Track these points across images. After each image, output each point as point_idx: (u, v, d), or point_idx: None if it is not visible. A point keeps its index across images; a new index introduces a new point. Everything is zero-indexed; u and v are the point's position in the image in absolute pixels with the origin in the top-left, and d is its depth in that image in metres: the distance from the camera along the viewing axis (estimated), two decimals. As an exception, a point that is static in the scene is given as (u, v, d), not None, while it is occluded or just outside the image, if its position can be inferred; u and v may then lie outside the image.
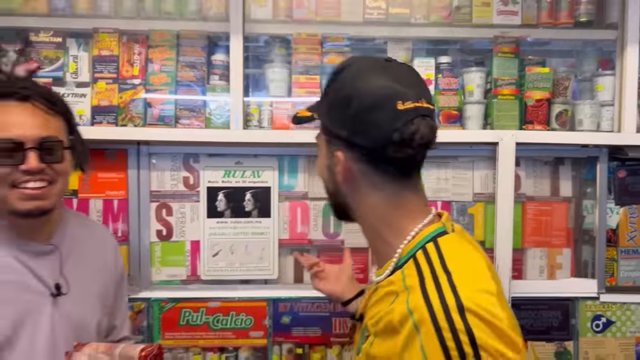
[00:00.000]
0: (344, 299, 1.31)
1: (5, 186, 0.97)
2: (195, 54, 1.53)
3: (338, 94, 0.83)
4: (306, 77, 1.55)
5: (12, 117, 0.98)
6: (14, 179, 0.97)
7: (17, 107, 0.99)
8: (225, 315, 1.58)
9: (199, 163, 1.59)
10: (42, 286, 1.05)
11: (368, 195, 0.84)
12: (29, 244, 1.04)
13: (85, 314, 1.13)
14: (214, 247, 1.60)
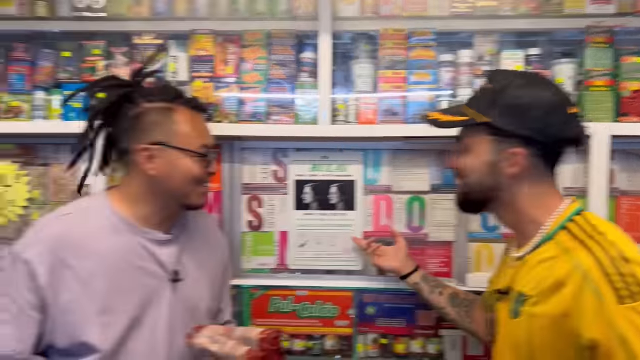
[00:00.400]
0: (403, 273, 1.47)
1: (193, 184, 1.14)
2: (286, 52, 1.59)
3: (517, 101, 1.00)
4: (393, 72, 1.57)
5: (204, 127, 1.19)
6: (203, 179, 1.16)
7: (200, 117, 1.19)
8: (312, 304, 1.64)
9: (287, 157, 1.66)
10: (162, 272, 1.15)
11: (532, 184, 1.03)
12: (153, 233, 1.15)
13: (199, 299, 1.23)
14: (301, 238, 1.66)
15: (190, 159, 1.12)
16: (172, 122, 1.12)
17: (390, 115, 1.57)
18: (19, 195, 1.68)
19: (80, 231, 1.08)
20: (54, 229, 1.08)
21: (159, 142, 1.11)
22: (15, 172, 1.68)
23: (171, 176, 1.12)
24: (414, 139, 1.58)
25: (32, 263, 1.03)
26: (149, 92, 1.14)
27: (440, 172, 1.63)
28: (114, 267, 1.08)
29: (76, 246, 1.06)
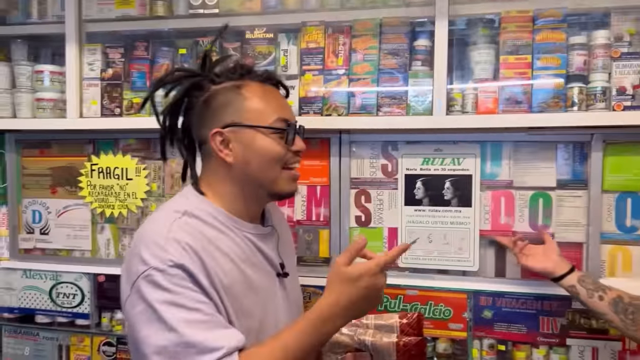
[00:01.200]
0: (556, 275, 1.32)
1: (278, 167, 1.02)
2: (398, 40, 1.52)
3: None
4: (515, 57, 1.45)
5: (282, 100, 1.06)
6: (287, 160, 1.03)
7: (276, 92, 1.07)
8: (423, 304, 1.56)
9: (397, 151, 1.59)
10: (270, 267, 1.08)
11: None
12: (255, 227, 1.06)
13: (298, 291, 1.20)
14: (411, 235, 1.59)
15: (266, 136, 1.00)
16: (241, 99, 1.01)
17: (513, 104, 1.45)
18: (138, 187, 1.76)
19: (203, 234, 0.96)
20: (183, 233, 0.93)
21: (230, 124, 1.00)
22: (135, 166, 1.76)
23: (249, 160, 1.00)
24: (539, 129, 1.46)
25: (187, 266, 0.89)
26: (216, 75, 1.05)
27: (568, 165, 1.48)
28: (239, 267, 0.99)
29: (207, 247, 0.95)
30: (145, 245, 0.91)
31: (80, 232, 1.84)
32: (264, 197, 1.06)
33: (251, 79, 1.05)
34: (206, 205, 1.02)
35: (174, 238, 0.91)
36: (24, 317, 1.91)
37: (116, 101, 1.70)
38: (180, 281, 0.88)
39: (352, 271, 0.91)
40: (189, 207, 0.99)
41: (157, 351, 0.85)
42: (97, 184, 1.80)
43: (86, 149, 1.82)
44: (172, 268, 0.88)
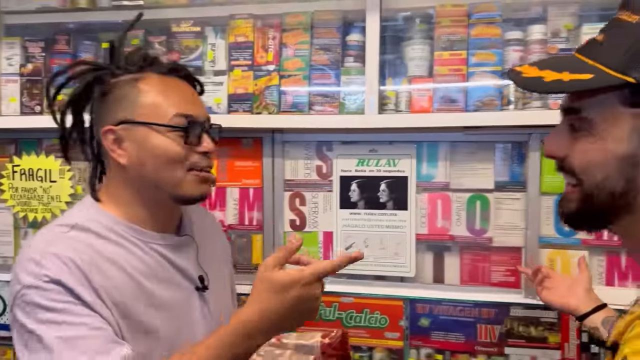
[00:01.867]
0: (579, 313, 1.13)
1: (181, 169, 0.90)
2: (330, 35, 1.45)
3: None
4: (450, 54, 1.38)
5: (186, 94, 0.93)
6: (193, 162, 0.91)
7: (182, 85, 0.95)
8: (358, 312, 1.49)
9: (332, 151, 1.52)
10: (187, 281, 0.97)
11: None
12: (166, 237, 0.95)
13: (227, 305, 1.07)
14: (347, 240, 1.51)
15: (162, 135, 0.89)
16: (136, 92, 0.90)
17: (448, 103, 1.39)
18: (62, 190, 1.66)
19: (93, 248, 0.86)
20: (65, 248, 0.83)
21: (123, 121, 0.89)
22: (59, 167, 1.66)
23: (144, 161, 0.89)
24: (475, 129, 1.39)
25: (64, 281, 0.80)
26: (117, 67, 0.94)
27: (507, 166, 1.42)
28: (138, 283, 0.88)
29: (97, 262, 0.85)
30: (21, 264, 0.83)
31: (2, 238, 1.73)
32: (167, 201, 0.93)
33: (153, 71, 0.93)
34: (102, 216, 0.91)
35: (53, 253, 0.82)
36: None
37: (36, 98, 1.60)
38: (57, 296, 0.79)
39: (281, 278, 0.77)
40: (81, 219, 0.89)
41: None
42: (19, 187, 1.69)
43: (8, 149, 1.71)
44: (48, 284, 0.79)
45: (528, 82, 0.66)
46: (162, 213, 0.95)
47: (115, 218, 0.91)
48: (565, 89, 0.65)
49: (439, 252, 1.48)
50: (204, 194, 0.94)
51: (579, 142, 0.64)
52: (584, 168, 0.64)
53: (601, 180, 0.63)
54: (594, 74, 0.60)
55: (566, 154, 0.66)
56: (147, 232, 0.93)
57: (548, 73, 0.65)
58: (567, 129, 0.66)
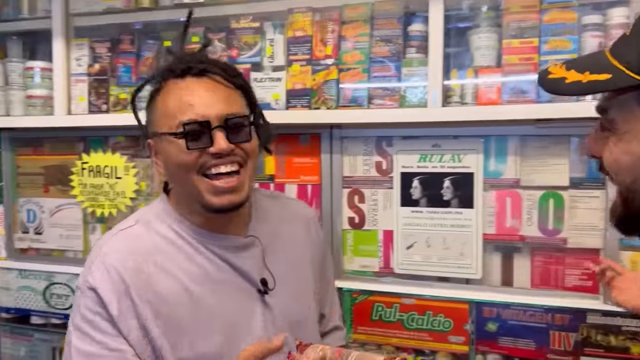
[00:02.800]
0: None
1: (194, 175, 0.87)
2: (391, 26, 1.39)
3: None
4: (520, 41, 1.30)
5: (193, 96, 0.88)
6: (204, 164, 0.86)
7: (196, 84, 0.89)
8: (421, 315, 1.43)
9: (392, 147, 1.46)
10: (248, 285, 0.94)
11: None
12: (227, 238, 0.93)
13: (299, 308, 1.01)
14: (408, 239, 1.46)
15: (172, 143, 0.87)
16: (156, 104, 0.91)
17: (518, 94, 1.30)
18: (127, 186, 1.70)
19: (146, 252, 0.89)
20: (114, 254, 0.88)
21: (152, 133, 0.91)
22: (124, 164, 1.70)
23: (168, 171, 0.91)
24: (549, 121, 1.29)
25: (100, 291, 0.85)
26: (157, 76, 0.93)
27: (583, 162, 1.32)
28: (187, 289, 0.88)
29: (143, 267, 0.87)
30: (86, 262, 0.90)
31: (73, 232, 1.80)
32: (203, 210, 0.90)
33: (170, 77, 0.91)
34: (168, 215, 0.94)
35: (103, 260, 0.87)
36: (20, 317, 1.89)
37: (103, 97, 1.65)
38: (92, 305, 0.85)
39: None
40: (148, 214, 0.94)
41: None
42: (87, 183, 1.75)
43: (77, 147, 1.78)
44: (89, 290, 0.85)
45: (550, 84, 0.64)
46: (214, 217, 0.92)
47: (178, 217, 0.93)
48: (582, 91, 0.64)
49: (507, 253, 1.40)
50: (226, 206, 0.87)
51: (608, 143, 0.63)
52: (614, 170, 0.63)
53: (630, 183, 0.62)
54: (612, 74, 0.59)
55: (601, 155, 0.65)
56: (207, 233, 0.92)
57: (572, 74, 0.63)
58: (599, 128, 0.66)
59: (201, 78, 0.90)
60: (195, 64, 0.90)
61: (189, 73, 0.90)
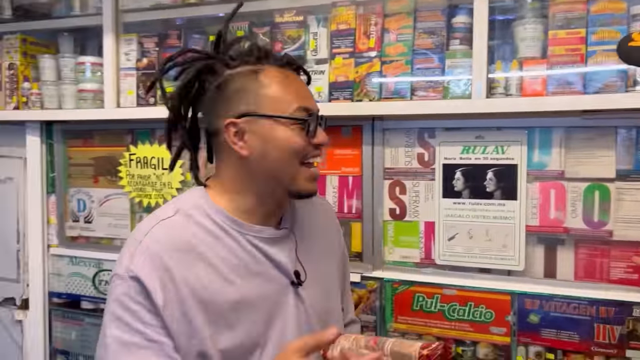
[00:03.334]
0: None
1: (297, 162, 0.91)
2: (435, 18, 1.40)
3: None
4: (567, 32, 1.29)
5: (302, 87, 0.94)
6: (307, 153, 0.91)
7: (295, 77, 0.95)
8: (462, 305, 1.44)
9: (434, 138, 1.47)
10: (283, 276, 0.95)
11: None
12: (264, 230, 0.94)
13: (328, 301, 1.04)
14: (449, 230, 1.47)
15: (286, 127, 0.89)
16: (258, 85, 0.91)
17: (564, 85, 1.29)
18: (174, 177, 1.76)
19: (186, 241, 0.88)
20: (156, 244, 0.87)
21: (245, 113, 0.90)
22: (170, 156, 1.75)
23: (266, 153, 0.90)
24: (595, 112, 1.28)
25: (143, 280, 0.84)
26: (231, 58, 0.94)
27: (630, 153, 1.30)
28: (227, 279, 0.89)
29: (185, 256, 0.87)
30: (123, 250, 0.89)
31: (120, 221, 1.87)
32: (281, 195, 0.94)
33: (270, 63, 0.93)
34: (208, 204, 0.92)
35: (145, 248, 0.86)
36: (70, 302, 1.98)
37: (151, 90, 1.70)
38: (134, 294, 0.83)
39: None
40: (186, 204, 0.92)
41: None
42: (135, 174, 1.82)
43: (125, 139, 1.84)
44: (132, 280, 0.84)
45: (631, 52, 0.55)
46: (269, 206, 0.95)
47: (219, 208, 0.92)
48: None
49: (551, 245, 1.39)
50: (314, 191, 0.95)
51: None
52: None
53: None
54: None
55: None
56: (246, 225, 0.93)
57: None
58: None
59: (295, 74, 0.97)
60: (294, 60, 0.97)
61: (288, 65, 0.96)
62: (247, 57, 0.93)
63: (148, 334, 0.82)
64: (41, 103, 1.86)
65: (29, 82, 1.89)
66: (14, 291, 2.01)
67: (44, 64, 1.86)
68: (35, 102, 1.86)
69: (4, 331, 2.04)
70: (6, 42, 1.90)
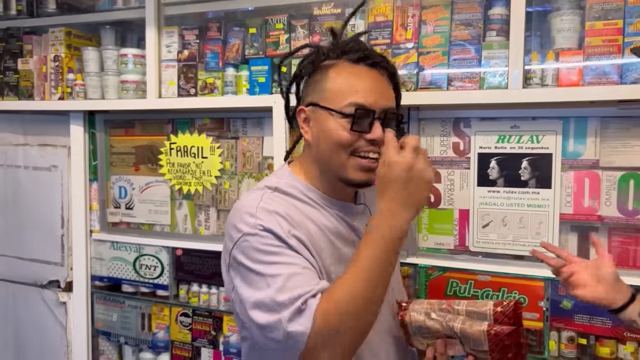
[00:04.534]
0: (615, 306, 1.04)
1: (345, 153, 0.96)
2: (472, 10, 1.43)
3: None
4: (604, 23, 1.31)
5: (364, 83, 0.97)
6: (357, 147, 0.96)
7: (367, 73, 0.99)
8: (495, 291, 1.48)
9: (470, 128, 1.50)
10: None
11: None
12: (348, 205, 1.05)
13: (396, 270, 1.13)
14: (484, 218, 1.50)
15: (336, 120, 0.96)
16: (326, 79, 0.99)
17: (601, 76, 1.31)
18: (213, 166, 1.82)
19: (294, 206, 0.98)
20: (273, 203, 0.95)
21: (311, 103, 1.00)
22: (209, 145, 1.82)
23: (320, 141, 0.99)
24: (632, 102, 1.30)
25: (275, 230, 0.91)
26: (324, 53, 1.01)
27: (667, 143, 1.32)
28: (329, 239, 0.99)
29: (296, 215, 0.96)
30: (239, 216, 0.95)
31: (161, 208, 1.94)
32: (336, 180, 1.01)
33: (346, 59, 1.00)
34: (298, 182, 1.03)
35: (264, 207, 0.94)
36: (112, 285, 2.07)
37: (191, 82, 1.77)
38: (271, 241, 0.90)
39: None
40: (280, 184, 1.01)
41: (256, 305, 0.87)
42: (175, 162, 1.88)
43: (166, 128, 1.91)
44: (263, 231, 0.91)
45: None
46: (338, 186, 1.02)
47: (307, 185, 1.03)
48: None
49: (584, 233, 1.42)
50: (364, 181, 0.98)
51: None
52: None
53: None
54: None
55: None
56: (332, 199, 1.03)
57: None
58: None
59: (371, 69, 1.00)
60: (372, 55, 1.00)
61: (364, 61, 0.99)
62: (332, 52, 1.01)
63: (300, 263, 0.89)
64: (85, 93, 1.93)
65: (73, 74, 1.96)
66: (58, 274, 2.10)
67: (88, 56, 1.93)
68: (79, 93, 1.93)
69: (49, 312, 2.13)
70: (51, 35, 1.98)
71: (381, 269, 0.87)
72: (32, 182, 2.15)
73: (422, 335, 1.02)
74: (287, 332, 0.82)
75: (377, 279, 0.86)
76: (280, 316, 0.83)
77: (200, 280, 1.89)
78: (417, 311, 1.01)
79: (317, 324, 0.82)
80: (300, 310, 0.83)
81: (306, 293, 0.84)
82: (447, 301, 1.00)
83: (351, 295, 0.84)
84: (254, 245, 0.91)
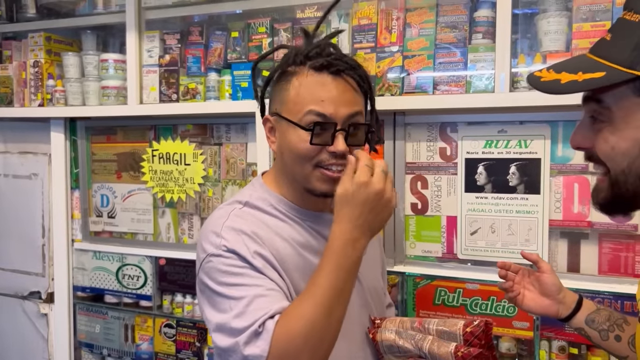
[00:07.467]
0: (562, 315, 1.02)
1: (309, 165, 0.92)
2: (457, 12, 1.40)
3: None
4: (592, 25, 1.28)
5: (326, 93, 0.90)
6: (320, 160, 0.91)
7: (331, 82, 0.91)
8: (484, 300, 1.44)
9: (457, 133, 1.47)
10: None
11: None
12: (321, 215, 1.00)
13: (377, 280, 1.12)
14: (472, 224, 1.47)
15: (295, 132, 0.91)
16: (288, 87, 0.93)
17: (588, 78, 1.28)
18: (196, 173, 1.78)
19: (262, 221, 0.95)
20: (239, 221, 0.93)
21: (273, 112, 0.96)
22: (192, 151, 1.78)
23: (283, 152, 0.95)
24: (620, 106, 1.27)
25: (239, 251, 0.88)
26: (292, 59, 0.95)
27: (657, 147, 1.29)
28: (299, 253, 0.95)
29: (264, 231, 0.93)
30: (206, 235, 0.93)
31: (143, 216, 1.90)
32: (303, 191, 0.96)
33: (310, 66, 0.93)
34: (268, 194, 1.00)
35: (230, 226, 0.91)
36: (94, 296, 2.02)
37: (173, 87, 1.73)
38: (235, 262, 0.88)
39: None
40: (251, 198, 0.99)
41: (218, 328, 0.85)
42: (157, 169, 1.84)
43: (148, 135, 1.87)
44: (227, 252, 0.89)
45: (546, 86, 0.71)
46: (307, 196, 0.97)
47: (278, 196, 0.99)
48: (580, 89, 0.68)
49: (574, 239, 1.39)
50: (327, 192, 0.92)
51: (601, 133, 0.69)
52: (609, 156, 0.68)
53: (627, 165, 0.68)
54: (606, 72, 0.65)
55: (592, 145, 0.71)
56: (304, 211, 0.99)
57: (564, 75, 0.69)
58: (589, 121, 0.72)
59: (336, 77, 0.92)
60: (336, 63, 0.91)
61: (328, 70, 0.91)
62: (297, 57, 0.94)
63: (265, 285, 0.86)
64: (65, 100, 1.89)
65: (53, 80, 1.92)
66: (39, 285, 2.05)
67: (68, 62, 1.89)
68: (59, 99, 1.89)
69: (30, 324, 2.08)
70: (31, 40, 1.93)
71: (338, 295, 0.83)
72: (12, 190, 2.10)
73: (393, 354, 0.99)
74: (244, 356, 0.79)
75: (334, 305, 0.82)
76: (237, 339, 0.80)
77: (184, 291, 1.84)
78: (389, 329, 0.98)
79: (273, 349, 0.78)
80: (257, 333, 0.80)
81: (263, 315, 0.81)
82: (419, 319, 0.97)
83: (307, 322, 0.80)
84: (217, 267, 0.88)
